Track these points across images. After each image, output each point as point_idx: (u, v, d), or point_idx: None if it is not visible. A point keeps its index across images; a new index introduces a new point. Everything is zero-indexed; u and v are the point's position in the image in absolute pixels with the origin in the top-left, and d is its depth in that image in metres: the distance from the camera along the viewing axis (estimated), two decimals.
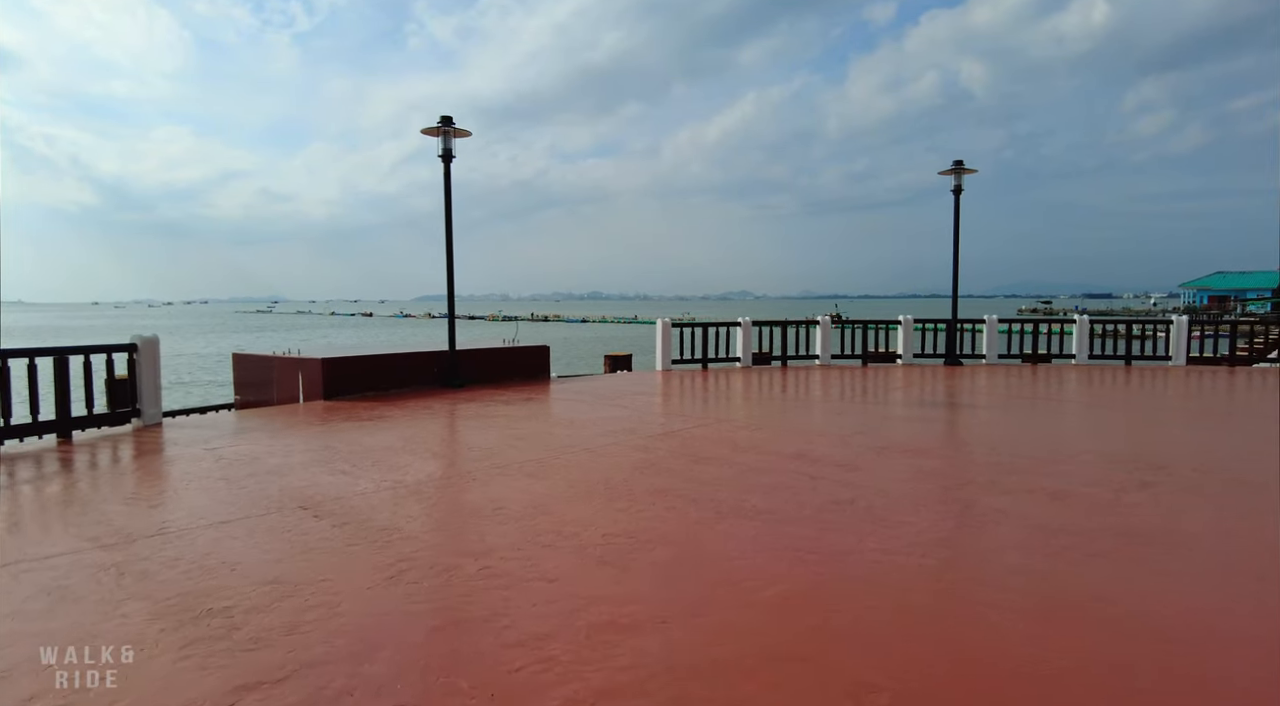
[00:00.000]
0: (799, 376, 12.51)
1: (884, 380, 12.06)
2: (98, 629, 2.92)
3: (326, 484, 5.16)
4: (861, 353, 14.84)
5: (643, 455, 6.08)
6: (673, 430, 7.19)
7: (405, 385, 10.48)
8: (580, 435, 6.96)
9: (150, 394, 7.72)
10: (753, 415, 8.32)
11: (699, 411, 8.72)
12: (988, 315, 15.17)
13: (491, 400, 9.44)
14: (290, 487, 5.06)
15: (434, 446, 6.43)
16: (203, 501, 4.79)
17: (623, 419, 7.91)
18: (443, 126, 10.58)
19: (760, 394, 10.52)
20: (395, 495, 4.84)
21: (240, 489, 5.06)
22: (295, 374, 9.88)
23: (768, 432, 7.12)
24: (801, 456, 6.00)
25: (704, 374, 12.89)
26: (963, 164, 14.12)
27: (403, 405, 8.99)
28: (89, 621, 3.00)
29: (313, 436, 7.07)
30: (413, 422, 7.70)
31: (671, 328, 13.47)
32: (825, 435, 7.04)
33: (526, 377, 11.92)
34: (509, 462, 5.79)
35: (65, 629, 2.93)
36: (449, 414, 8.46)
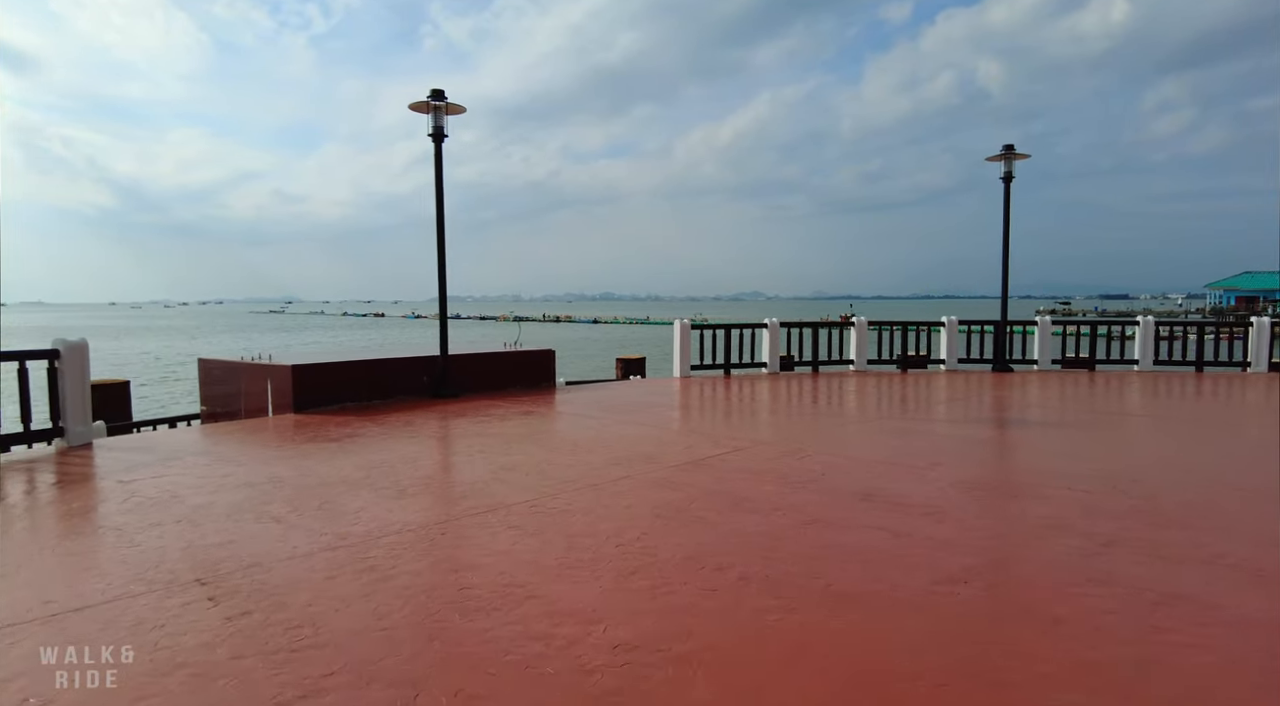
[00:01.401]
0: (835, 385, 11.14)
1: (933, 390, 10.67)
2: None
3: (248, 540, 3.87)
4: (900, 357, 13.44)
5: (665, 495, 4.75)
6: (701, 457, 5.86)
7: (390, 395, 9.21)
8: (586, 464, 5.64)
9: (76, 409, 6.47)
10: (794, 436, 6.97)
11: (729, 430, 7.37)
12: (1039, 317, 13.74)
13: (485, 414, 8.15)
14: (198, 546, 3.77)
15: (403, 480, 5.14)
16: (67, 572, 3.51)
17: (638, 441, 6.59)
18: (433, 101, 9.30)
19: (797, 407, 9.16)
20: (330, 562, 3.54)
21: (131, 548, 3.78)
22: (264, 383, 8.63)
23: (819, 461, 5.77)
24: (872, 498, 4.65)
25: (727, 382, 11.54)
26: (1013, 148, 12.71)
27: (382, 420, 7.72)
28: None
29: (262, 462, 5.79)
30: (386, 444, 6.42)
31: (691, 330, 12.13)
32: (891, 465, 5.69)
33: (529, 385, 10.62)
34: (493, 505, 4.48)
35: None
36: (432, 433, 7.17)
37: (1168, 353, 13.36)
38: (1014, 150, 12.68)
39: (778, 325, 12.66)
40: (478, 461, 5.83)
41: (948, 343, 13.42)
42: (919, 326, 13.64)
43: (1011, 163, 12.75)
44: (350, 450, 6.20)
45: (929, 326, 13.63)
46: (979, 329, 13.83)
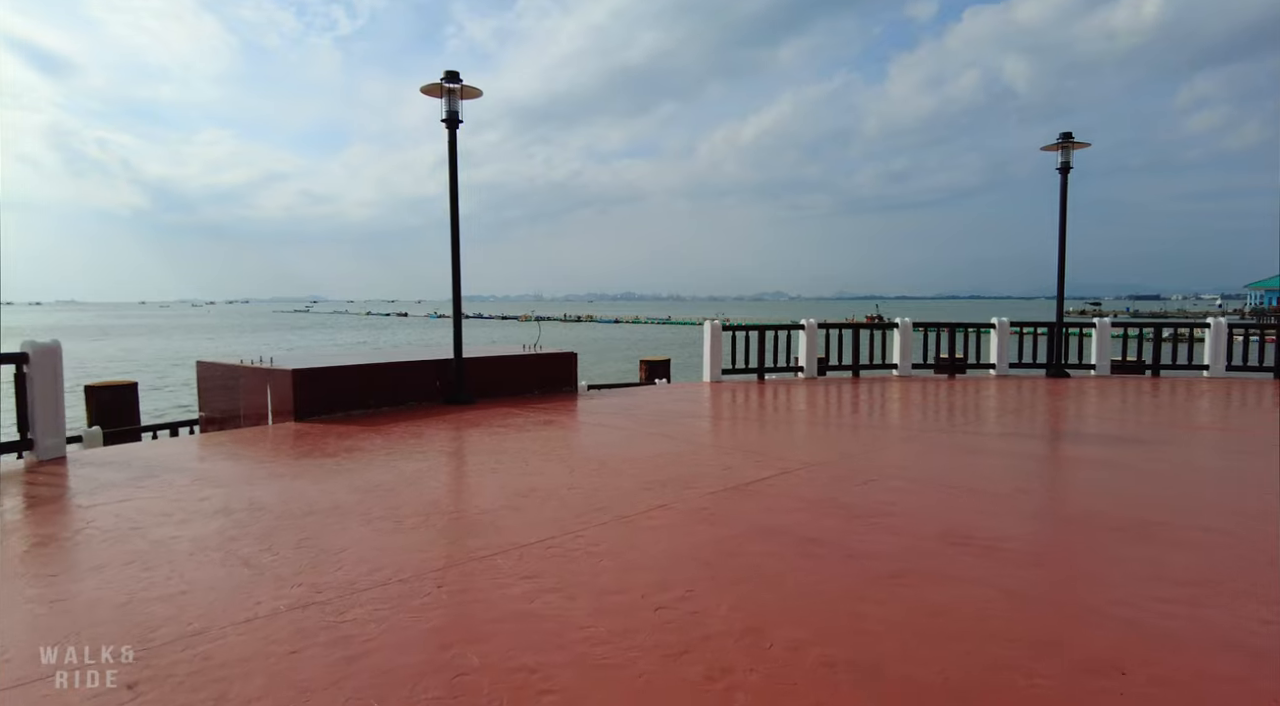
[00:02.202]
0: (880, 392, 10.27)
1: (989, 398, 9.77)
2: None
3: (204, 592, 3.15)
4: (948, 360, 12.52)
5: (710, 532, 3.97)
6: (745, 481, 5.06)
7: (400, 401, 8.52)
8: (614, 488, 4.87)
9: (47, 419, 5.83)
10: (847, 453, 6.14)
11: (772, 446, 6.56)
12: (1098, 318, 12.76)
13: (501, 424, 7.42)
14: (140, 601, 3.05)
15: (402, 509, 4.41)
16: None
17: (671, 459, 5.81)
18: (446, 83, 8.60)
19: (843, 418, 8.31)
20: (297, 628, 2.81)
21: (55, 603, 3.07)
22: (264, 388, 7.98)
23: (884, 488, 4.95)
24: (954, 538, 3.84)
25: (761, 387, 10.72)
26: (1071, 137, 11.75)
27: (387, 430, 7.02)
28: None
29: (246, 482, 5.09)
30: (389, 461, 5.70)
31: (723, 332, 11.32)
32: (969, 493, 4.85)
33: (549, 390, 9.90)
34: (504, 545, 3.72)
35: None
36: (441, 447, 6.45)
37: (1241, 357, 12.31)
38: (1072, 138, 11.73)
39: (815, 327, 11.81)
40: (489, 484, 5.08)
41: (998, 346, 12.48)
42: (966, 328, 12.72)
43: (1069, 153, 11.79)
44: (347, 467, 5.49)
45: (978, 328, 12.70)
46: (1031, 331, 12.88)
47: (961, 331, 12.63)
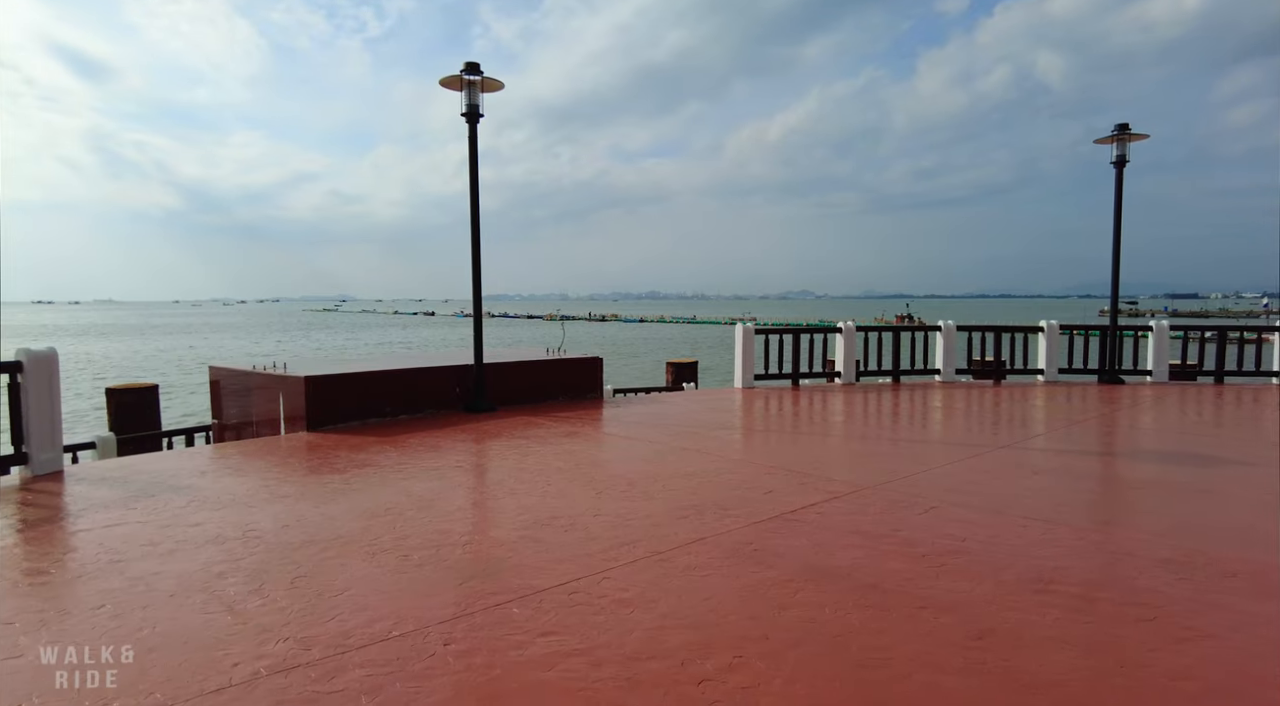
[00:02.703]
0: (925, 400, 9.67)
1: (1045, 407, 9.14)
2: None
3: (175, 647, 2.74)
4: (991, 364, 11.85)
5: (756, 576, 3.47)
6: (790, 508, 4.55)
7: (418, 408, 8.13)
8: (644, 515, 4.40)
9: (42, 431, 5.50)
10: (901, 473, 5.57)
11: (816, 464, 6.02)
12: (1155, 320, 12.01)
13: (523, 435, 6.98)
14: (98, 665, 2.65)
15: (410, 538, 3.98)
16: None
17: (706, 478, 5.32)
18: (466, 75, 8.18)
19: (891, 431, 7.73)
20: (276, 699, 2.38)
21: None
22: (275, 396, 7.63)
23: (950, 517, 4.41)
24: (1038, 584, 3.30)
25: (796, 394, 10.17)
26: (1128, 128, 11.02)
27: (403, 442, 6.62)
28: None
29: (246, 504, 4.70)
30: (401, 479, 5.29)
31: (755, 335, 10.78)
32: (1049, 525, 4.29)
33: (574, 396, 9.46)
34: (520, 589, 3.27)
35: None
36: (458, 461, 6.02)
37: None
38: (1129, 130, 11.00)
39: (853, 329, 11.23)
40: (508, 507, 4.64)
41: (1047, 350, 11.79)
42: (1013, 331, 12.03)
43: (1125, 145, 11.06)
44: (356, 486, 5.08)
45: (1025, 331, 12.01)
46: (1082, 333, 12.16)
47: (1008, 334, 11.94)
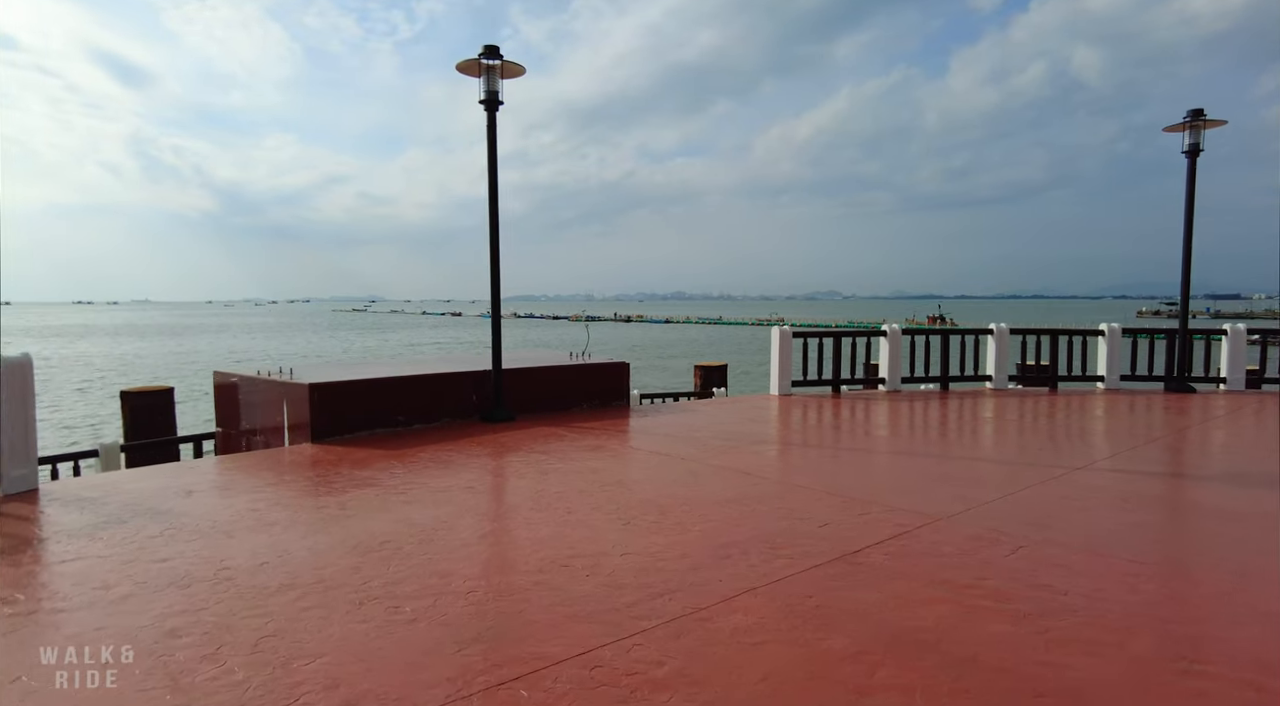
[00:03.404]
0: (981, 410, 8.88)
1: (1113, 419, 8.32)
2: None
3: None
4: (1047, 370, 11.00)
5: (822, 645, 2.79)
6: (852, 546, 3.86)
7: (432, 417, 7.56)
8: (679, 554, 3.74)
9: (15, 446, 4.99)
10: (977, 501, 4.82)
11: (878, 488, 5.28)
12: (1230, 323, 11.07)
13: (543, 449, 6.37)
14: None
15: (404, 583, 3.38)
16: None
17: (750, 505, 4.65)
18: (485, 59, 7.60)
19: (954, 447, 6.96)
20: None
21: None
22: (279, 403, 7.11)
23: (1043, 560, 3.69)
24: (1183, 660, 2.59)
25: (837, 402, 9.44)
26: (1203, 114, 10.12)
27: (411, 458, 6.04)
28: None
29: (225, 533, 4.13)
30: (404, 502, 4.69)
31: (793, 338, 10.06)
32: (1167, 571, 3.56)
33: (598, 403, 8.83)
34: (526, 660, 2.63)
35: None
36: (469, 481, 5.40)
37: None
38: (1203, 116, 10.10)
39: (899, 332, 10.46)
40: (521, 541, 4.02)
41: (1108, 354, 10.92)
42: (1071, 334, 11.16)
43: (1199, 133, 10.16)
44: (353, 511, 4.50)
45: (1084, 334, 11.14)
46: (1146, 337, 11.27)
47: (1065, 338, 11.09)
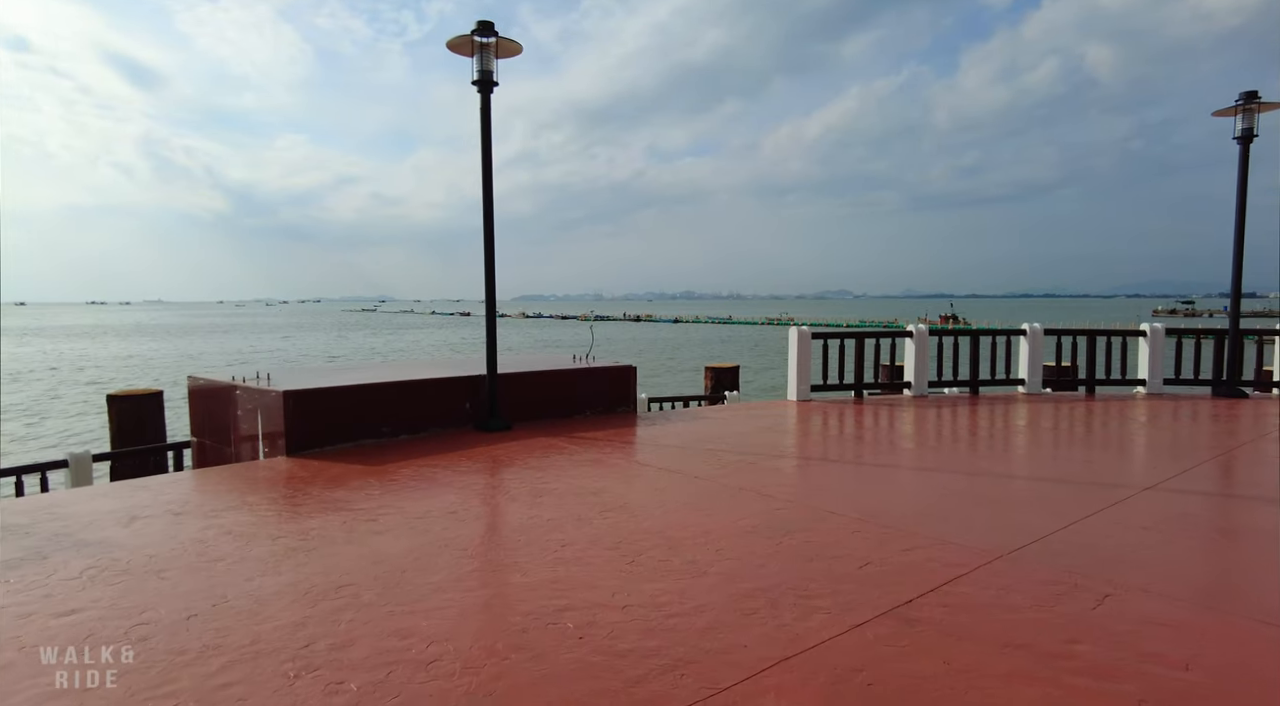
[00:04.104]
0: (1018, 417, 8.16)
1: (1169, 428, 7.60)
2: None
3: None
4: (1082, 374, 10.26)
5: None
6: (905, 596, 3.19)
7: (421, 426, 6.93)
8: (692, 604, 3.08)
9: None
10: (1040, 532, 4.10)
11: (920, 515, 4.58)
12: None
13: (539, 464, 5.73)
14: None
15: (351, 644, 2.74)
16: None
17: (775, 537, 3.98)
18: (478, 37, 6.96)
19: (999, 463, 6.26)
20: None
21: None
22: (254, 412, 6.51)
23: (1139, 617, 3.01)
24: None
25: (860, 409, 8.76)
26: (1257, 96, 9.37)
27: (393, 474, 5.41)
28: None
29: (158, 573, 3.50)
30: (375, 531, 4.06)
31: (812, 340, 9.38)
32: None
33: (603, 410, 8.19)
34: None
35: None
36: (450, 505, 4.74)
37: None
38: (1258, 99, 9.34)
39: (925, 333, 9.76)
40: (504, 586, 3.37)
41: (1150, 356, 10.17)
42: (1109, 335, 10.42)
43: (1253, 117, 9.40)
44: (314, 543, 3.87)
45: (1123, 335, 10.40)
46: (1192, 337, 10.52)
47: (1103, 339, 10.35)
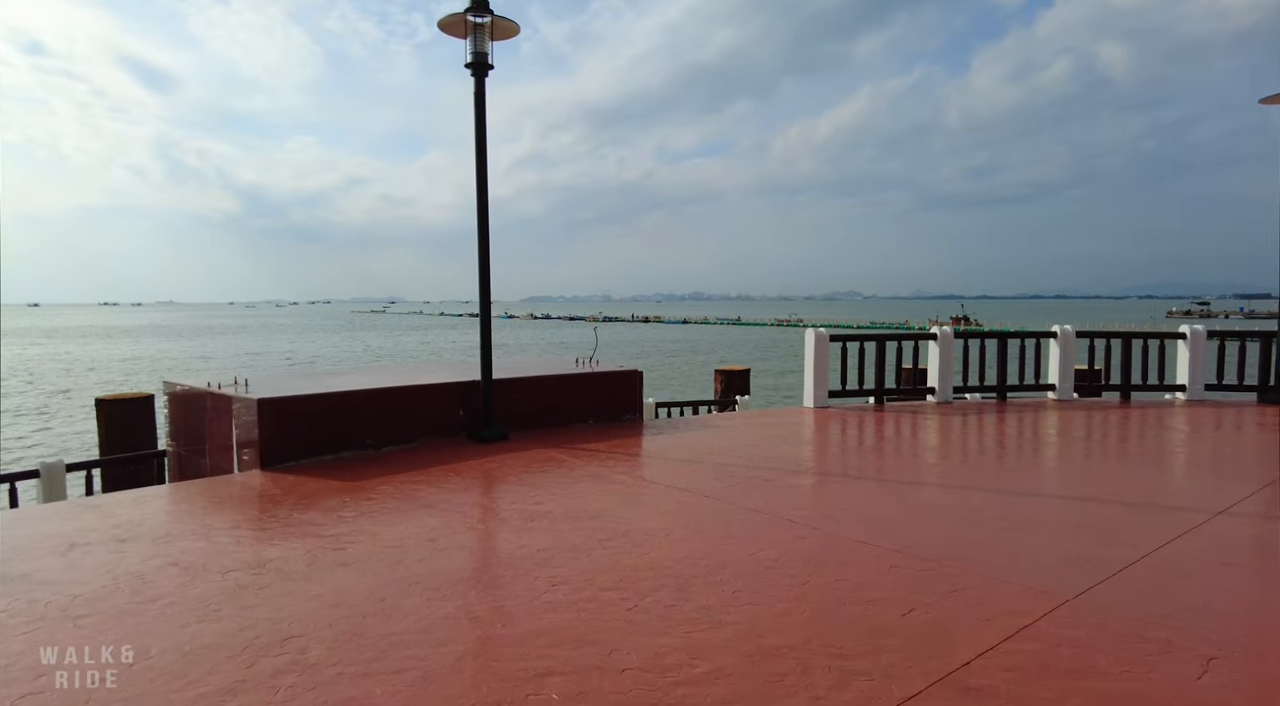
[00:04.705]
0: (1054, 427, 7.56)
1: (1228, 441, 6.99)
2: None
3: None
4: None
5: None
6: (962, 657, 2.62)
7: (410, 437, 6.42)
8: (705, 667, 2.52)
9: None
10: (1110, 565, 3.50)
11: (969, 545, 3.98)
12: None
13: (534, 481, 5.19)
14: None
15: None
16: None
17: (800, 574, 3.42)
18: (472, 16, 6.44)
19: (1049, 480, 5.68)
20: None
21: None
22: (228, 421, 6.00)
23: (1268, 681, 2.46)
24: None
25: (882, 417, 8.18)
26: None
27: (371, 492, 4.88)
28: None
29: (78, 618, 2.98)
30: (337, 564, 3.53)
31: (830, 343, 8.80)
32: None
33: (607, 418, 7.64)
34: None
35: None
36: (432, 530, 4.19)
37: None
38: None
39: (950, 336, 9.17)
40: (486, 640, 2.83)
41: (1190, 361, 9.55)
42: (1146, 337, 9.79)
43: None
44: (268, 579, 3.34)
45: (1161, 337, 9.77)
46: (1235, 340, 9.88)
47: (1139, 342, 9.72)
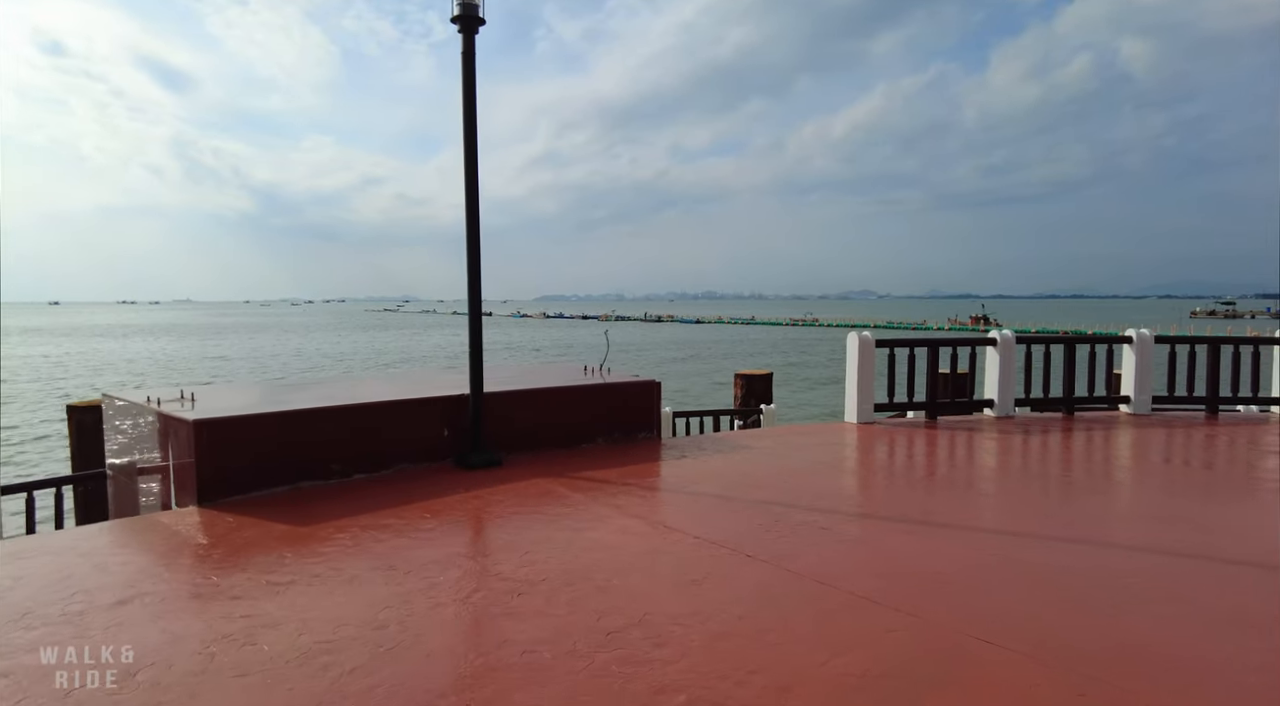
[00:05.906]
0: (1143, 446, 6.42)
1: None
2: None
3: None
4: (1207, 391, 8.46)
5: None
6: None
7: (383, 462, 5.37)
8: None
9: None
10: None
11: (1140, 633, 2.83)
12: None
13: (527, 523, 4.12)
14: None
15: None
16: None
17: (903, 699, 2.35)
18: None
19: (1183, 517, 4.59)
20: None
21: None
22: (166, 447, 4.98)
23: None
24: None
25: (934, 435, 7.04)
26: None
27: (323, 540, 3.84)
28: None
29: None
30: (240, 671, 2.48)
31: (876, 349, 7.66)
32: None
33: (618, 437, 6.55)
34: None
35: None
36: (388, 602, 3.10)
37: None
38: None
39: (1012, 339, 8.01)
40: None
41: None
42: (1235, 343, 8.58)
43: None
44: (128, 696, 2.31)
45: (1256, 343, 8.56)
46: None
47: (1228, 349, 8.52)
